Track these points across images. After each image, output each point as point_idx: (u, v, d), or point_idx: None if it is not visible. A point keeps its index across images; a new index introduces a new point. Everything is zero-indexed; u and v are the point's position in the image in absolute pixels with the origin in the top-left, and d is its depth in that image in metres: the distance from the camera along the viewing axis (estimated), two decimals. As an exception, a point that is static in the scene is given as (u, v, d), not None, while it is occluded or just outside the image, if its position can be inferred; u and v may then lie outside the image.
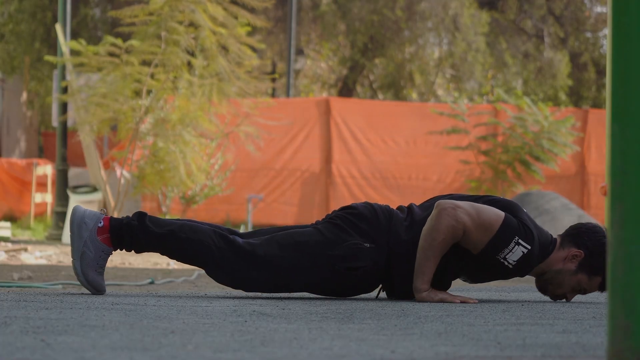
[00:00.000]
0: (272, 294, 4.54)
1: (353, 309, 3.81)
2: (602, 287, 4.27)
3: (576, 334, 3.04)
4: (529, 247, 4.08)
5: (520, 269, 4.14)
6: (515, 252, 4.07)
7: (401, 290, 4.24)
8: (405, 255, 4.15)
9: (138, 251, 4.20)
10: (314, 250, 4.14)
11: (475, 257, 4.13)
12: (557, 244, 4.26)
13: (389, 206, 4.30)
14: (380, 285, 4.32)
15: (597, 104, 28.40)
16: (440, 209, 4.07)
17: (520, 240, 4.07)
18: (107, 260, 4.18)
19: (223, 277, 4.20)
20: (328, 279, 4.16)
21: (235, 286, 4.24)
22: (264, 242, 4.19)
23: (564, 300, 4.36)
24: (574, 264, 4.23)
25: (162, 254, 4.24)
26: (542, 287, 4.32)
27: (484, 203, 4.21)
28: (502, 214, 4.09)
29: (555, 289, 4.29)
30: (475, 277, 4.31)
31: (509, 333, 3.02)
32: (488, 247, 4.07)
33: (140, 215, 4.17)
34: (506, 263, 4.09)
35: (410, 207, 4.30)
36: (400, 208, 4.32)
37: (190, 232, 4.16)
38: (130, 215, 4.24)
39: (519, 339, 2.86)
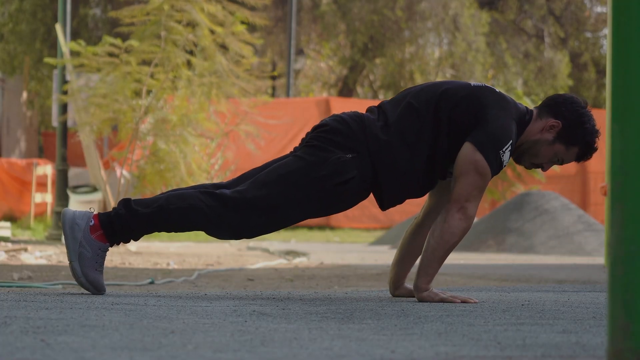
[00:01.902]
0: (273, 292, 4.52)
1: (353, 309, 3.81)
2: (578, 158, 4.27)
3: (576, 334, 3.04)
4: (510, 142, 4.09)
5: (509, 156, 4.18)
6: (505, 157, 4.11)
7: (389, 192, 4.20)
8: (387, 155, 4.12)
9: (135, 238, 4.16)
10: (300, 178, 4.12)
11: None
12: (535, 115, 4.25)
13: (357, 112, 4.26)
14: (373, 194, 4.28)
15: (597, 104, 28.41)
16: (451, 212, 4.06)
17: (503, 149, 4.08)
18: (105, 257, 4.16)
19: (223, 233, 4.18)
20: (322, 200, 4.13)
21: (237, 237, 4.20)
22: (249, 186, 4.15)
23: (540, 169, 4.36)
24: (551, 134, 4.22)
25: (159, 230, 4.21)
26: (518, 157, 4.31)
27: (455, 99, 4.14)
28: (480, 155, 4.06)
29: (531, 158, 4.28)
30: None
31: (509, 333, 3.02)
32: (493, 175, 4.13)
33: (126, 202, 4.14)
34: (504, 164, 4.15)
35: (380, 106, 4.26)
36: (370, 109, 4.28)
37: (178, 200, 4.13)
38: (117, 205, 4.21)
39: (519, 339, 2.86)
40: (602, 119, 4.37)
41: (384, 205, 4.27)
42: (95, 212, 4.19)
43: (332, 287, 6.94)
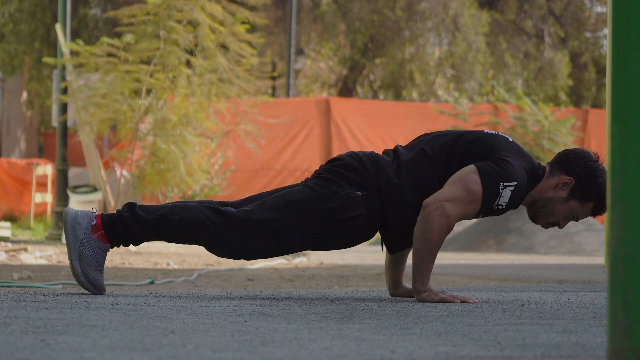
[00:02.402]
0: (273, 292, 4.52)
1: (353, 309, 3.81)
2: (594, 212, 4.27)
3: (576, 334, 3.04)
4: (515, 183, 4.08)
5: (512, 204, 4.15)
6: (505, 195, 4.09)
7: (396, 235, 4.21)
8: (397, 199, 4.13)
9: (136, 243, 4.18)
10: (307, 207, 4.13)
11: None
12: (547, 172, 4.25)
13: (374, 152, 4.29)
14: (381, 237, 4.29)
15: (598, 104, 28.41)
16: (428, 210, 4.05)
17: (505, 184, 4.07)
18: (105, 258, 4.16)
19: (223, 251, 4.19)
20: (326, 233, 4.14)
21: (236, 257, 4.21)
22: (256, 207, 4.16)
23: (557, 227, 4.36)
24: (565, 191, 4.22)
25: (159, 239, 4.22)
26: (533, 216, 4.30)
27: (467, 141, 4.17)
28: (477, 177, 4.07)
29: (547, 217, 4.27)
30: (471, 217, 4.31)
31: (509, 333, 3.02)
32: (482, 207, 4.09)
33: (131, 206, 4.16)
34: (500, 207, 4.12)
35: (396, 150, 4.28)
36: (386, 152, 4.30)
37: (183, 212, 4.14)
38: (121, 208, 4.23)
39: (519, 339, 2.86)
40: (602, 119, 4.37)
41: (390, 248, 4.29)
42: (97, 212, 4.20)
43: (332, 287, 6.94)
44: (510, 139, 4.24)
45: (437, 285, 6.68)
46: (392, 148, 4.34)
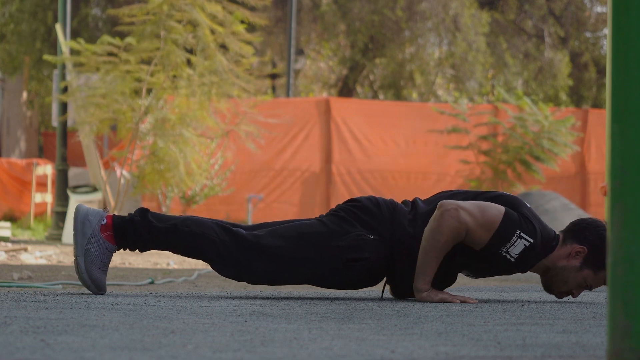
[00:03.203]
0: (273, 292, 4.53)
1: (353, 309, 3.81)
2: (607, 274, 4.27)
3: (576, 334, 3.04)
4: (531, 241, 4.09)
5: (522, 263, 4.14)
6: (518, 246, 4.08)
7: (403, 284, 4.24)
8: (408, 248, 4.16)
9: (142, 249, 4.19)
10: (317, 241, 4.15)
11: (478, 253, 4.13)
12: (560, 240, 4.26)
13: (393, 200, 4.32)
14: (385, 280, 4.32)
15: (598, 104, 28.40)
16: (442, 210, 4.07)
17: (522, 234, 4.08)
18: (110, 258, 4.17)
19: (227, 271, 4.20)
20: (331, 270, 4.16)
21: (239, 279, 4.23)
22: (267, 233, 4.19)
23: (571, 296, 4.36)
24: (578, 260, 4.23)
25: (166, 249, 4.23)
26: (547, 286, 4.32)
27: (487, 199, 4.22)
28: (502, 209, 4.11)
29: (560, 286, 4.28)
30: (478, 271, 4.30)
31: (509, 333, 3.02)
32: (491, 242, 4.08)
33: (143, 212, 4.18)
34: (508, 257, 4.10)
35: (414, 202, 4.32)
36: (404, 202, 4.34)
37: (194, 225, 4.17)
38: (133, 212, 4.24)
39: (519, 339, 2.86)
40: (602, 119, 4.37)
41: (398, 294, 4.30)
42: (109, 212, 4.21)
43: (332, 287, 6.93)
44: (529, 205, 4.27)
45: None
46: (411, 200, 4.35)
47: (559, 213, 14.04)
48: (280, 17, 25.51)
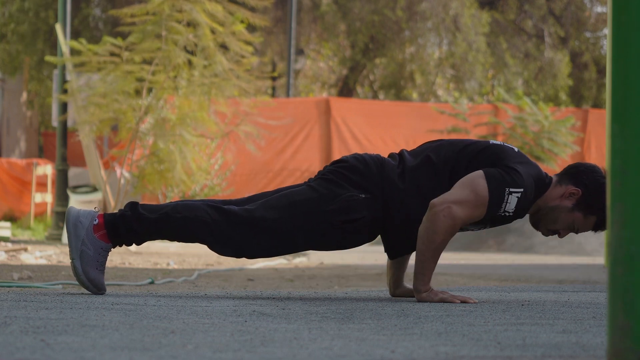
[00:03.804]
0: (273, 292, 4.52)
1: (353, 309, 3.81)
2: (595, 227, 4.27)
3: (576, 334, 3.04)
4: (521, 190, 4.08)
5: (519, 212, 4.15)
6: (511, 202, 4.09)
7: (398, 239, 4.21)
8: (400, 202, 4.14)
9: (138, 242, 4.18)
10: (310, 208, 4.13)
11: (478, 221, 4.16)
12: (555, 181, 4.26)
13: (379, 155, 4.29)
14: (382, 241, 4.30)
15: (598, 104, 28.41)
16: (435, 210, 4.05)
17: (511, 190, 4.07)
18: (106, 257, 4.16)
19: (225, 250, 4.19)
20: (327, 234, 4.14)
21: (238, 255, 4.21)
22: (259, 206, 4.16)
23: (557, 235, 4.36)
24: (570, 201, 4.23)
25: (162, 238, 4.23)
26: (535, 223, 4.31)
27: (474, 152, 4.17)
28: (483, 178, 4.07)
29: (548, 224, 4.27)
30: (479, 228, 4.31)
31: (509, 333, 3.02)
32: (487, 213, 4.09)
33: (133, 205, 4.16)
34: (507, 214, 4.12)
35: (401, 154, 4.29)
36: (391, 155, 4.30)
37: (185, 210, 4.15)
38: (123, 207, 4.23)
39: (519, 339, 2.86)
40: (602, 119, 4.37)
41: (391, 253, 4.29)
42: (100, 212, 4.20)
43: (332, 287, 6.95)
44: (517, 149, 4.25)
45: (437, 285, 6.68)
46: (397, 152, 4.34)
47: (559, 213, 14.03)
48: (280, 17, 25.52)
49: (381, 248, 4.45)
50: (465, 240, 14.19)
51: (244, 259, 9.76)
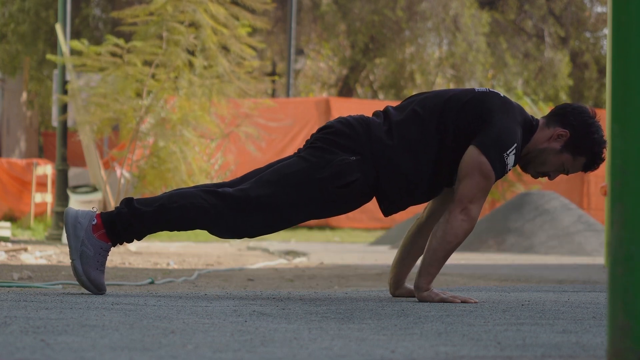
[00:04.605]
0: (273, 292, 4.52)
1: (353, 309, 3.81)
2: (585, 168, 4.28)
3: (576, 334, 3.04)
4: (514, 144, 4.09)
5: (517, 162, 4.17)
6: (510, 160, 4.11)
7: (391, 197, 4.21)
8: (391, 159, 4.13)
9: (138, 238, 4.17)
10: (303, 179, 4.12)
11: None
12: (542, 123, 4.26)
13: (363, 115, 4.27)
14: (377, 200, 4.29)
15: (598, 104, 28.41)
16: (454, 214, 4.06)
17: (507, 151, 4.08)
18: (106, 257, 4.16)
19: (225, 232, 4.18)
20: (324, 202, 4.13)
21: (240, 236, 4.20)
22: (252, 185, 4.15)
23: (547, 178, 4.36)
24: (558, 143, 4.22)
25: (162, 229, 4.21)
26: (524, 166, 4.31)
27: (458, 104, 4.16)
28: (484, 158, 4.07)
29: (537, 167, 4.28)
30: None
31: (509, 333, 3.02)
32: (497, 179, 4.14)
33: (128, 201, 4.15)
34: (509, 168, 4.14)
35: (386, 111, 4.27)
36: (376, 113, 4.29)
37: (181, 199, 4.13)
38: (119, 204, 4.22)
39: (519, 339, 2.86)
40: (602, 119, 4.37)
41: (385, 211, 4.27)
42: (97, 212, 4.20)
43: (332, 287, 6.94)
44: (502, 94, 4.24)
45: (437, 285, 6.68)
46: (382, 110, 4.32)
47: (559, 213, 14.05)
48: (280, 17, 25.52)
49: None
50: (465, 241, 14.19)
51: (244, 258, 9.76)
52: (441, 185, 4.24)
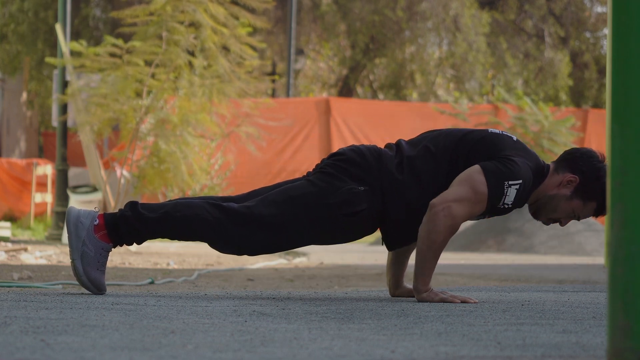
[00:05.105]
0: (273, 292, 4.52)
1: (353, 309, 3.81)
2: (596, 213, 4.26)
3: (576, 334, 3.04)
4: (520, 181, 4.07)
5: (518, 203, 4.13)
6: (510, 194, 4.07)
7: (396, 232, 4.21)
8: (399, 193, 4.12)
9: (139, 242, 4.17)
10: (310, 203, 4.11)
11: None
12: (552, 169, 4.24)
13: (376, 146, 4.26)
14: (380, 234, 4.29)
15: (599, 104, 28.40)
16: (435, 210, 4.04)
17: (510, 182, 4.06)
18: (107, 258, 4.16)
19: (226, 247, 4.18)
20: (328, 228, 4.13)
21: (240, 253, 4.20)
22: (258, 202, 4.15)
23: (558, 224, 4.34)
24: (568, 189, 4.21)
25: (162, 237, 4.21)
26: (535, 212, 4.29)
27: (472, 141, 4.15)
28: (482, 175, 4.06)
29: (548, 213, 4.26)
30: (478, 218, 4.30)
31: (509, 333, 3.02)
32: (488, 207, 4.09)
33: (133, 205, 4.16)
34: (506, 206, 4.10)
35: (398, 144, 4.26)
36: (388, 145, 4.28)
37: (185, 209, 4.14)
38: (123, 207, 4.22)
39: (519, 339, 2.86)
40: (602, 119, 4.36)
41: (389, 245, 4.28)
42: (100, 212, 4.20)
43: (332, 287, 6.95)
44: (515, 138, 4.24)
45: (437, 285, 6.68)
46: (394, 142, 4.32)
47: (559, 213, 14.03)
48: (280, 17, 25.52)
49: (381, 248, 4.45)
50: (465, 241, 14.19)
51: (244, 259, 9.77)
52: None
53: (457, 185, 4.08)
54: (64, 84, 13.36)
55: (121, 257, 9.99)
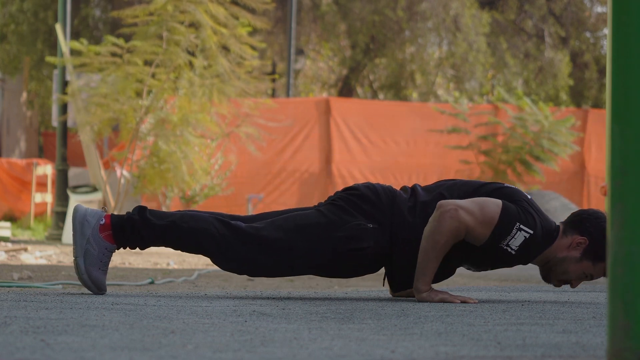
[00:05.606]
0: (273, 292, 4.52)
1: (353, 309, 3.81)
2: (607, 273, 4.26)
3: (576, 334, 3.04)
4: (531, 232, 4.08)
5: (523, 255, 4.12)
6: (518, 238, 4.07)
7: (401, 273, 4.22)
8: (408, 235, 4.13)
9: (142, 247, 4.18)
10: (316, 232, 4.12)
11: (479, 247, 4.12)
12: (561, 231, 4.25)
13: (391, 187, 4.28)
14: (385, 271, 4.30)
15: (599, 104, 28.39)
16: (442, 210, 4.05)
17: (521, 226, 4.07)
18: (110, 258, 4.16)
19: (228, 265, 4.19)
20: (332, 260, 4.14)
21: (240, 272, 4.22)
22: (267, 225, 4.16)
23: (569, 285, 4.35)
24: (578, 251, 4.22)
25: (166, 246, 4.22)
26: (545, 275, 4.30)
27: (488, 191, 4.20)
28: (500, 203, 4.08)
29: (559, 275, 4.26)
30: (479, 265, 4.29)
31: (509, 333, 3.02)
32: (491, 238, 4.07)
33: (141, 210, 4.17)
34: (509, 250, 4.09)
35: (414, 188, 4.28)
36: (403, 188, 4.30)
37: (192, 221, 4.15)
38: (131, 211, 4.23)
39: (519, 339, 2.86)
40: (602, 119, 4.37)
41: (394, 286, 4.29)
42: (107, 212, 4.21)
43: (332, 287, 6.94)
44: (530, 196, 4.26)
45: (437, 285, 6.67)
46: (411, 186, 4.33)
47: (559, 213, 14.04)
48: (280, 17, 25.51)
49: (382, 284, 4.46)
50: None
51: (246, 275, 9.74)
52: (453, 268, 4.25)
53: (471, 201, 4.09)
54: (64, 84, 13.36)
55: (121, 257, 9.99)
